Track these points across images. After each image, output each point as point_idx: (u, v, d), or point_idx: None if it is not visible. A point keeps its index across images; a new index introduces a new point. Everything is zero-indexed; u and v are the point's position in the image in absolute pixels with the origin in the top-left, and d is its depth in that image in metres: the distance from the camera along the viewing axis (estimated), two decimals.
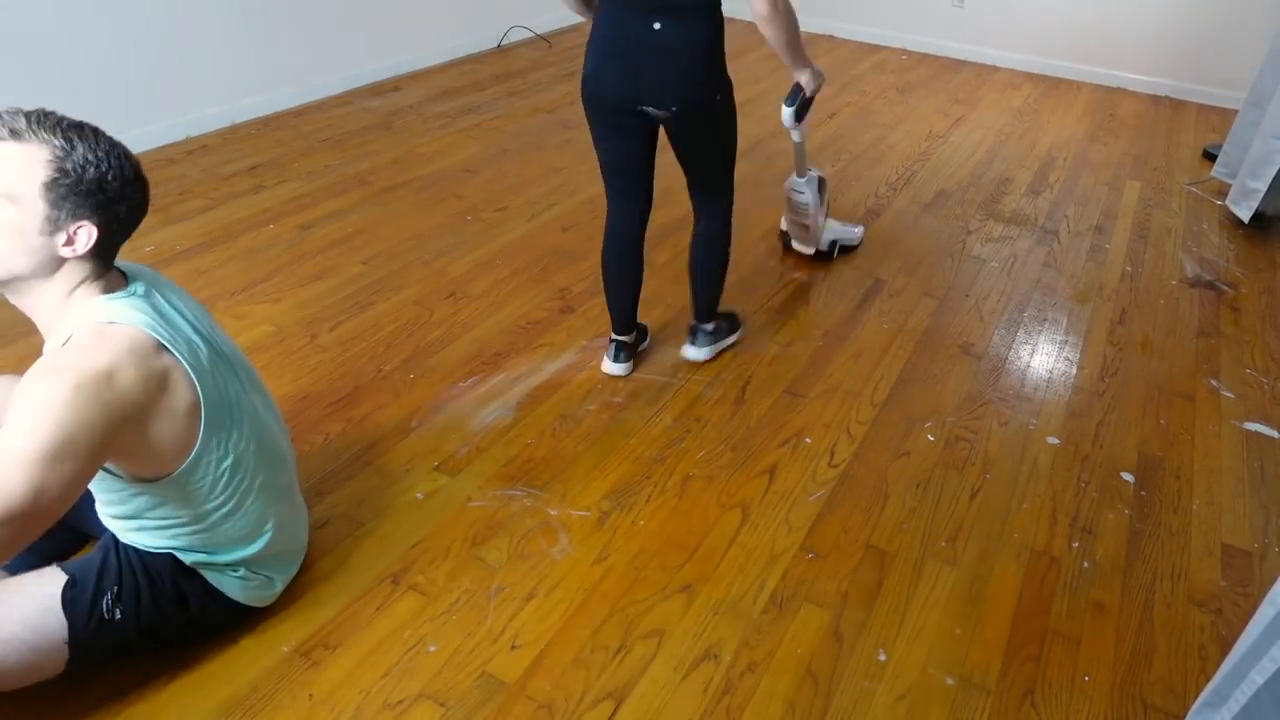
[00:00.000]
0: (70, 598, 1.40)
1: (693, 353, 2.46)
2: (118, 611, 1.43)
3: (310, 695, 1.54)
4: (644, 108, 2.03)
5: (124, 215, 1.30)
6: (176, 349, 1.32)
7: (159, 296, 1.39)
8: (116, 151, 1.27)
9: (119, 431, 1.25)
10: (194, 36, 3.55)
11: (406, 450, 2.11)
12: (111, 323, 1.28)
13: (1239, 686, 1.31)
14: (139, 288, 1.36)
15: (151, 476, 1.36)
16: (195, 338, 1.38)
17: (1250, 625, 1.30)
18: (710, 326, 2.47)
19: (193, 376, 1.34)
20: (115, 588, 1.44)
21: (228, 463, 1.43)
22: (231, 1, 3.65)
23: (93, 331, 1.27)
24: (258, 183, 3.33)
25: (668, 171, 3.67)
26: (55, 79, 3.15)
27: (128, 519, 1.46)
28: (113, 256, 1.34)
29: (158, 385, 1.29)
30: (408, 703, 1.55)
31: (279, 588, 1.66)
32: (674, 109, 2.01)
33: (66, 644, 1.39)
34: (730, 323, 2.56)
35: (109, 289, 1.34)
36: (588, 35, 2.08)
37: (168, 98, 3.54)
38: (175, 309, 1.40)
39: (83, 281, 1.30)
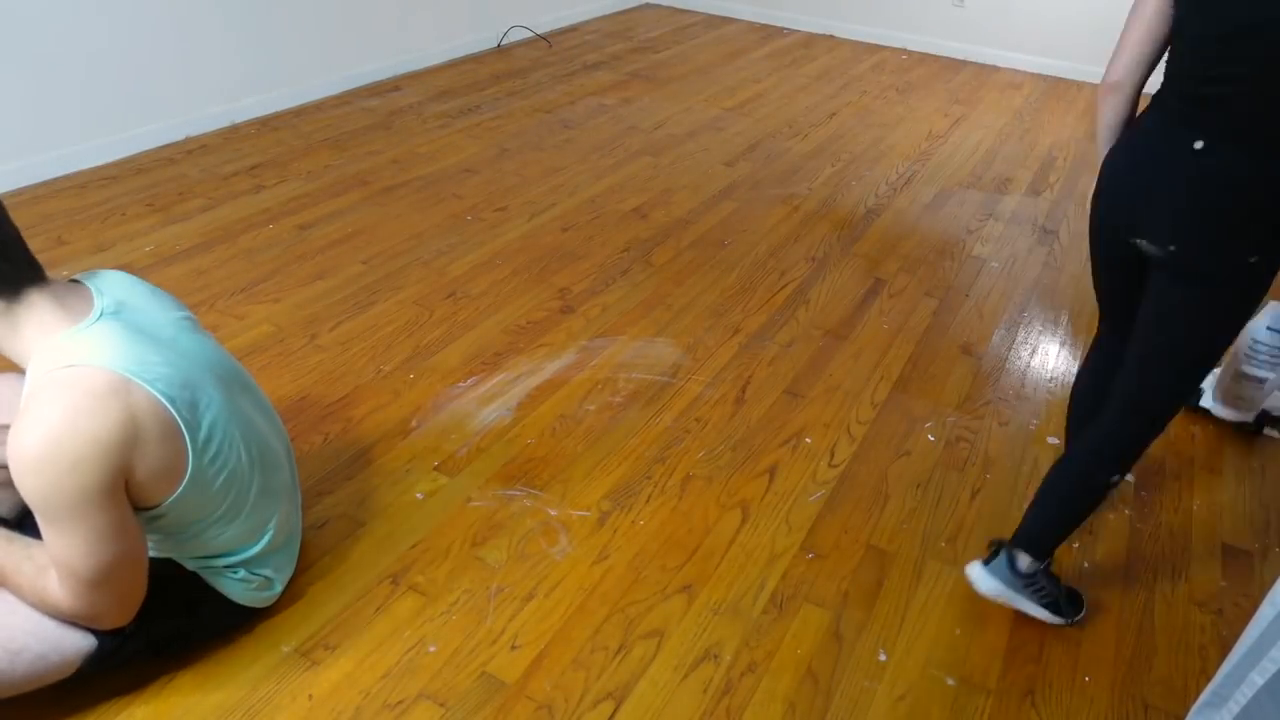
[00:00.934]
0: None
1: (977, 576, 1.75)
2: (132, 625, 1.44)
3: (310, 695, 1.54)
4: (1138, 240, 1.53)
5: None
6: (147, 378, 1.27)
7: (128, 313, 1.33)
8: None
9: (114, 472, 1.24)
10: (194, 36, 3.55)
11: (406, 450, 2.11)
12: (70, 366, 1.22)
13: (1239, 687, 1.31)
14: (105, 306, 1.30)
15: (150, 504, 1.34)
16: (170, 354, 1.33)
17: (1250, 626, 1.30)
18: (1025, 563, 1.72)
19: (166, 405, 1.28)
20: None
21: (223, 476, 1.41)
22: (231, 1, 3.64)
23: (46, 385, 1.22)
24: (257, 183, 3.33)
25: (667, 170, 3.68)
26: (54, 79, 3.15)
27: None
28: (24, 288, 1.25)
29: (130, 425, 1.24)
30: (408, 703, 1.54)
31: (278, 589, 1.65)
32: (1171, 248, 1.47)
33: (82, 658, 1.39)
34: (1052, 587, 1.76)
35: (71, 317, 1.27)
36: None
37: (168, 98, 3.54)
38: (147, 323, 1.35)
39: (29, 323, 1.25)
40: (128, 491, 1.28)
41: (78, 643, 1.39)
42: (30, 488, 1.21)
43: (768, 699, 1.60)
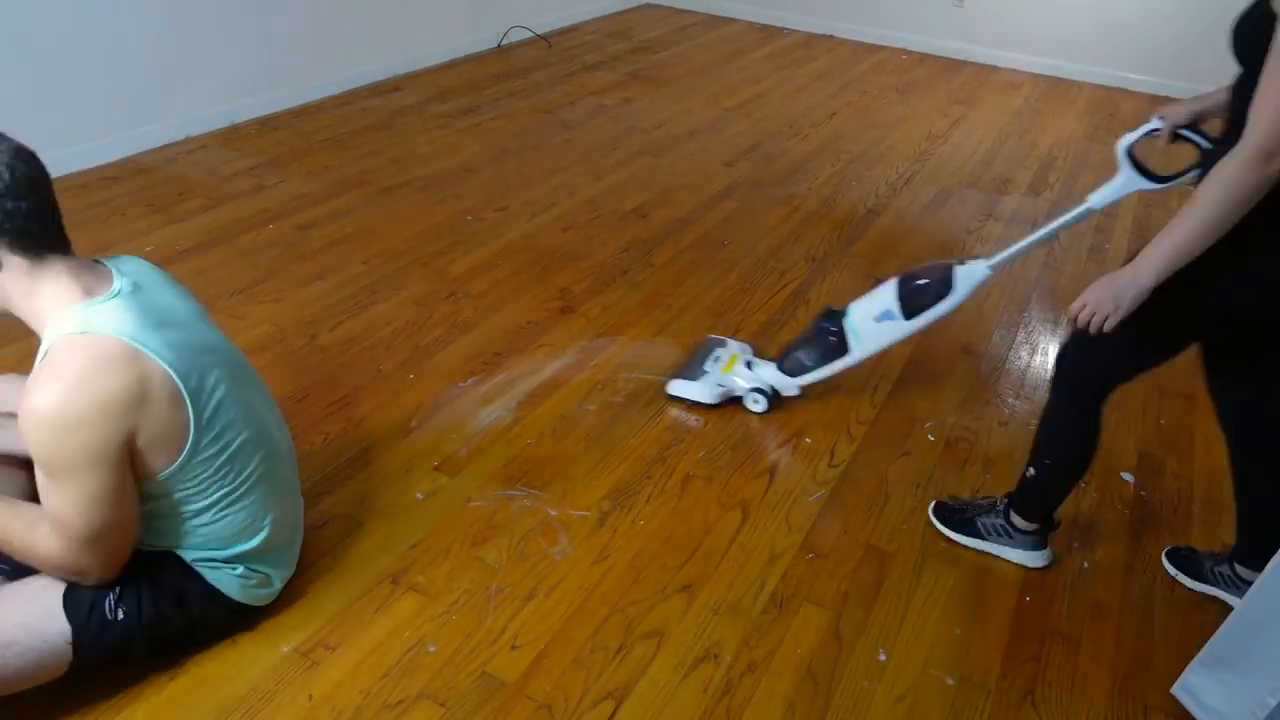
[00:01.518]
0: (72, 600, 1.40)
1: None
2: (120, 612, 1.43)
3: (310, 695, 1.54)
4: None
5: (25, 212, 1.23)
6: (156, 351, 1.30)
7: (144, 294, 1.36)
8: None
9: (118, 434, 1.27)
10: (193, 36, 3.55)
11: (406, 450, 2.11)
12: (84, 333, 1.26)
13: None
14: (123, 285, 1.34)
15: (149, 475, 1.36)
16: (181, 335, 1.37)
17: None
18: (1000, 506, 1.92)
19: (174, 377, 1.31)
20: (117, 588, 1.44)
21: (223, 458, 1.42)
22: (231, 1, 3.64)
23: (62, 347, 1.26)
24: (257, 183, 3.33)
25: (667, 170, 3.68)
26: (54, 79, 3.14)
27: None
28: (48, 253, 1.28)
29: (139, 389, 1.27)
30: (408, 703, 1.54)
31: (278, 586, 1.65)
32: None
33: (70, 646, 1.39)
34: (1005, 525, 1.90)
35: (89, 292, 1.31)
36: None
37: (168, 98, 3.53)
38: (161, 306, 1.38)
39: (48, 288, 1.28)
40: (132, 457, 1.32)
41: (62, 629, 1.39)
42: (36, 442, 1.25)
43: (768, 699, 1.60)
